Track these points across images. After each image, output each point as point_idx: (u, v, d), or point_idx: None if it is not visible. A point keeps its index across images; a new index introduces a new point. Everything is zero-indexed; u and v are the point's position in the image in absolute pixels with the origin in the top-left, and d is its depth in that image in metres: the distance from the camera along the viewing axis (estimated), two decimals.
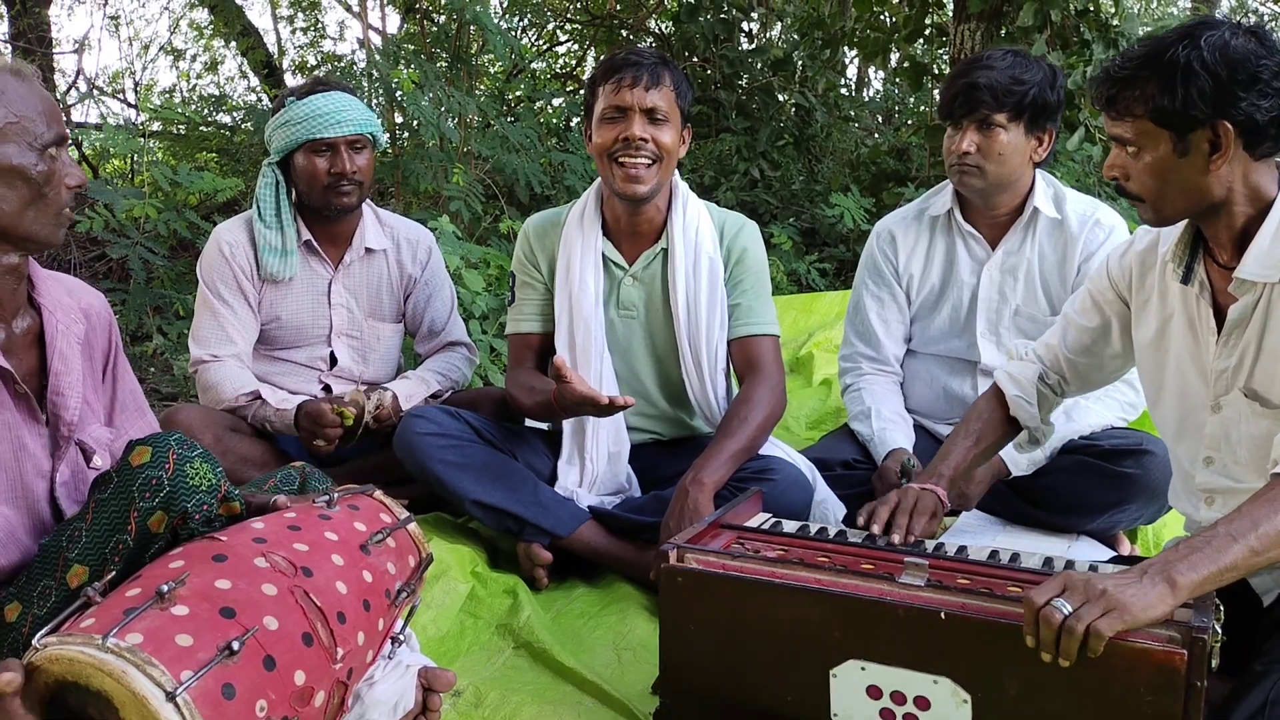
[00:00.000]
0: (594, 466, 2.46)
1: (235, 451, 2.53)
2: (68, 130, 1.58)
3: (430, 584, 2.20)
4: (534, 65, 8.58)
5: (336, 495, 1.59)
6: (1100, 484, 2.49)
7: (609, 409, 2.18)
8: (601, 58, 2.31)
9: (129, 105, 8.72)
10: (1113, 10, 5.96)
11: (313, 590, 1.37)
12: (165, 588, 1.27)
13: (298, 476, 1.87)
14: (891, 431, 2.60)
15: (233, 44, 8.93)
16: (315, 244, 2.72)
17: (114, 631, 1.20)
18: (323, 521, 1.50)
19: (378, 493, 1.66)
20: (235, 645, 1.24)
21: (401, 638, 1.57)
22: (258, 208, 2.66)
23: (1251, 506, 1.45)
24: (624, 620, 2.23)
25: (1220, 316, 1.75)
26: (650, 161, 2.34)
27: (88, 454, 1.70)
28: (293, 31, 10.01)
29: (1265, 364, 1.69)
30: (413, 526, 1.63)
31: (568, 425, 2.48)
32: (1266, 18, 18.56)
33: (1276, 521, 1.43)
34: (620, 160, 2.33)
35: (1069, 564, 1.74)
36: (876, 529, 1.91)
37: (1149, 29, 6.29)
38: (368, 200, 2.80)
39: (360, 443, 2.64)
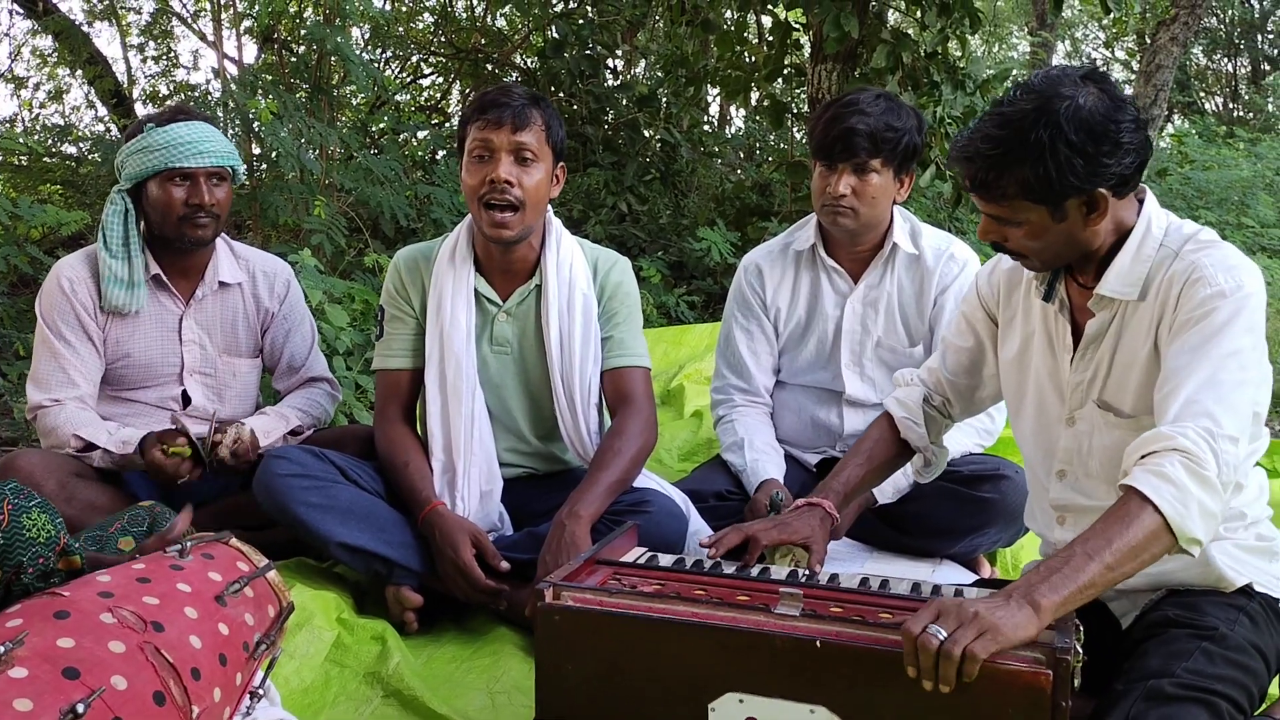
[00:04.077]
0: (465, 506, 2.41)
1: (81, 498, 2.39)
2: None
3: (293, 633, 2.10)
4: (398, 97, 8.48)
5: (189, 544, 1.51)
6: (961, 509, 2.58)
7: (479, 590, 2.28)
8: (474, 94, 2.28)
9: None
10: (959, 54, 6.24)
11: (164, 646, 1.30)
12: (1, 649, 1.18)
13: (146, 517, 1.78)
14: (764, 462, 2.64)
15: (79, 72, 8.56)
16: (165, 278, 2.60)
17: None
18: (175, 572, 1.43)
19: (234, 540, 1.59)
20: (80, 708, 1.16)
21: (261, 691, 1.50)
22: (103, 236, 2.52)
23: (1105, 524, 1.51)
24: (498, 662, 2.18)
25: (1077, 333, 1.83)
26: (514, 209, 2.32)
27: None
28: (143, 60, 9.63)
29: (1117, 376, 1.77)
30: (272, 574, 1.57)
31: (438, 464, 2.43)
32: (1099, 62, 19.77)
33: (1128, 537, 1.48)
34: (488, 203, 2.31)
35: (935, 589, 1.77)
36: (713, 552, 1.92)
37: (992, 71, 6.60)
38: (222, 235, 2.70)
39: (216, 482, 2.53)
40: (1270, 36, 17.77)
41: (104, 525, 1.75)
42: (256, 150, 5.61)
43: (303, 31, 5.97)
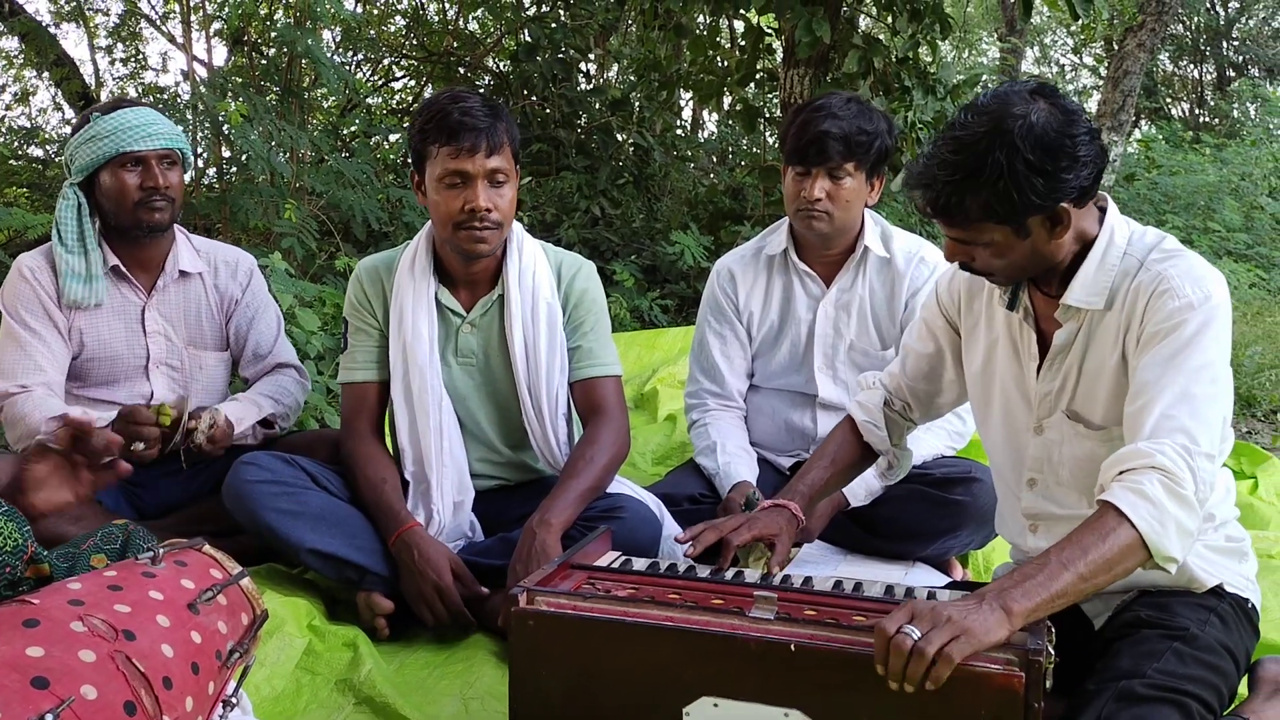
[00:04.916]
0: (440, 517, 2.40)
1: None
2: None
3: (264, 640, 2.08)
4: (369, 100, 8.44)
5: (162, 551, 1.50)
6: (933, 511, 2.59)
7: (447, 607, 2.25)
8: (429, 98, 2.19)
9: None
10: (930, 59, 6.29)
11: (135, 655, 1.28)
12: None
13: (120, 535, 1.74)
14: (736, 465, 2.64)
15: (46, 74, 8.46)
16: (124, 269, 2.58)
17: None
18: (147, 580, 1.41)
19: (207, 546, 1.58)
20: (49, 718, 1.15)
21: (234, 700, 1.49)
22: (58, 232, 2.50)
23: (1081, 534, 1.52)
24: (471, 668, 2.17)
25: (1043, 341, 1.84)
26: (495, 228, 2.31)
27: None
28: (111, 62, 9.53)
29: (1086, 387, 1.78)
30: (246, 582, 1.55)
31: (410, 477, 2.42)
32: (1068, 68, 19.95)
33: (1104, 549, 1.50)
34: (465, 227, 2.29)
35: (908, 591, 1.78)
36: (690, 549, 1.92)
37: (963, 77, 6.65)
38: (180, 228, 2.69)
39: (187, 487, 2.51)
40: (1235, 43, 18.02)
41: (76, 542, 1.72)
42: (226, 153, 5.57)
43: (273, 34, 5.93)
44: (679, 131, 8.51)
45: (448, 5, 8.56)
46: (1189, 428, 1.56)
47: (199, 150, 5.65)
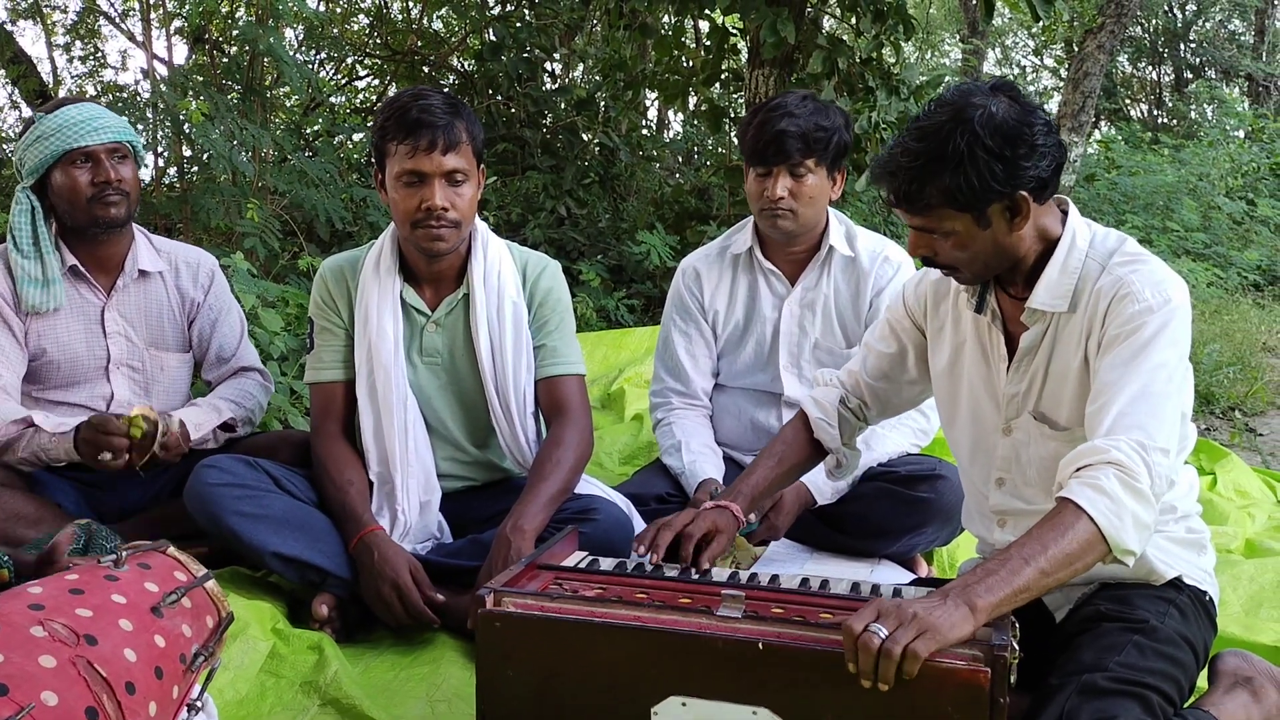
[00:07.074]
0: (406, 518, 2.39)
1: (5, 508, 2.32)
2: None
3: (227, 644, 2.06)
4: (333, 99, 8.37)
5: (125, 554, 1.48)
6: (898, 509, 2.61)
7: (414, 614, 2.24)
8: (392, 96, 2.16)
9: None
10: (894, 60, 6.34)
11: (97, 660, 1.27)
12: None
13: (83, 535, 1.72)
14: (702, 463, 2.65)
15: (1, 72, 8.33)
16: (83, 269, 2.54)
17: None
18: (109, 583, 1.39)
19: (171, 549, 1.56)
20: None
21: (199, 704, 1.47)
22: (13, 237, 2.47)
23: (1041, 530, 1.54)
24: (437, 669, 2.16)
25: (1011, 343, 1.86)
26: (453, 226, 2.29)
27: None
28: (70, 60, 9.39)
29: (1052, 388, 1.81)
30: (211, 584, 1.54)
31: (375, 477, 2.40)
32: (1029, 69, 20.15)
33: (1063, 545, 1.52)
34: (422, 226, 2.28)
35: (874, 588, 1.80)
36: (653, 557, 1.92)
37: (926, 78, 6.71)
38: (139, 228, 2.65)
39: (147, 490, 2.47)
40: (1192, 46, 18.27)
41: (38, 543, 1.69)
42: (187, 152, 5.51)
43: (234, 32, 5.88)
44: (645, 131, 8.51)
45: (411, 4, 8.51)
46: (1145, 424, 1.59)
47: (160, 149, 5.59)
